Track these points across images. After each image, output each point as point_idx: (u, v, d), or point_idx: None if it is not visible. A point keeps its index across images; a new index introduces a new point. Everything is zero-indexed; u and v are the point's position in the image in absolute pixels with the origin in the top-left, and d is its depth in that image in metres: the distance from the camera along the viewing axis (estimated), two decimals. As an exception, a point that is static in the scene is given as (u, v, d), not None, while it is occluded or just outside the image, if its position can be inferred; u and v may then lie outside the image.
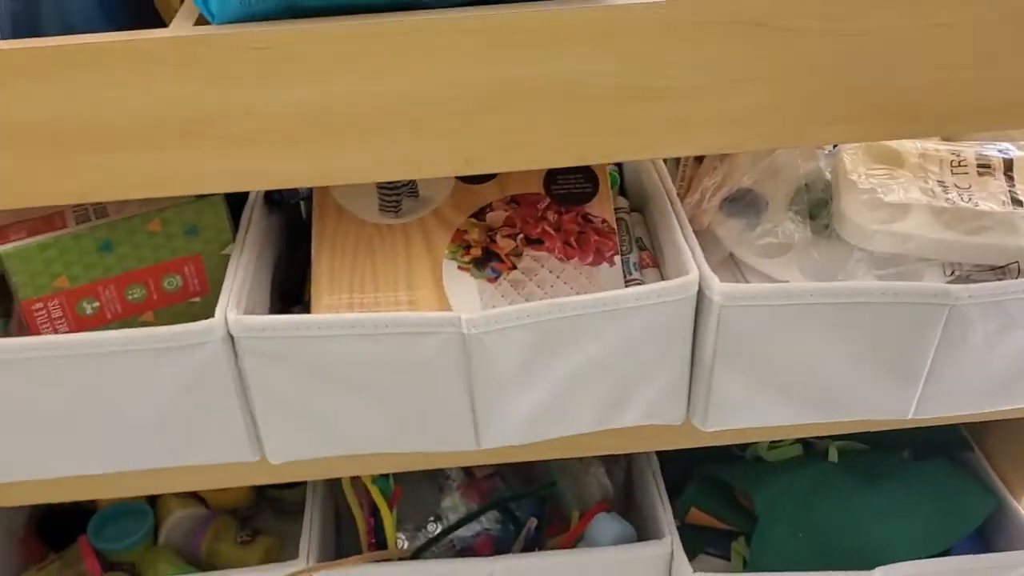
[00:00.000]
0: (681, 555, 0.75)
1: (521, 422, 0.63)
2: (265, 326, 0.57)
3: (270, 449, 0.63)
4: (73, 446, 0.62)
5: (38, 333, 0.62)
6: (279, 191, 0.68)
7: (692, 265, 0.59)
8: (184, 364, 0.57)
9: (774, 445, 0.85)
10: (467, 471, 0.87)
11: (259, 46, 0.48)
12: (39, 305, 0.61)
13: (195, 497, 0.90)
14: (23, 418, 0.60)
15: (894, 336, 0.60)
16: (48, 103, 0.49)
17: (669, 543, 0.76)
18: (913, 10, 0.51)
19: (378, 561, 0.76)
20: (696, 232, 0.64)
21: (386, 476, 0.77)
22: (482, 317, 0.57)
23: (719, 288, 0.58)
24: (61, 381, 0.58)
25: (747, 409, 0.64)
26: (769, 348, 0.61)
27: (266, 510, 0.92)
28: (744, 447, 0.86)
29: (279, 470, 0.66)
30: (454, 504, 0.84)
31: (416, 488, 0.85)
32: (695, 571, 0.74)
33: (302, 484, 0.87)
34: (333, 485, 0.85)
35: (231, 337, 0.58)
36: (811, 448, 0.85)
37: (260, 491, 0.92)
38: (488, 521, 0.83)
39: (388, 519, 0.77)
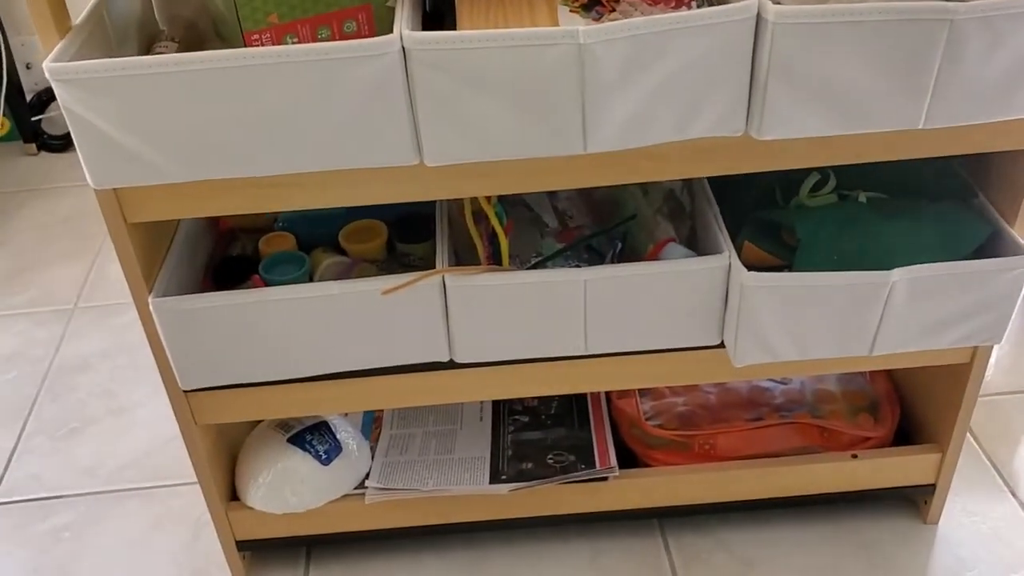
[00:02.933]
0: (738, 263, 0.94)
1: (618, 128, 0.82)
2: (430, 39, 0.77)
3: (427, 153, 0.83)
4: (279, 144, 0.82)
5: (253, 63, 0.83)
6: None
7: (752, -5, 0.78)
8: (369, 69, 0.77)
9: (813, 194, 1.03)
10: (561, 220, 1.07)
11: None
12: (256, 36, 0.82)
13: (338, 250, 1.11)
14: (246, 121, 0.80)
15: (907, 50, 0.78)
16: None
17: (727, 256, 0.95)
18: None
19: (495, 271, 0.96)
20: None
21: (502, 205, 0.97)
22: (594, 29, 0.76)
23: (772, 9, 0.77)
24: (277, 83, 0.78)
25: (792, 121, 0.83)
26: (809, 64, 0.79)
27: (395, 263, 1.13)
28: (788, 199, 1.05)
29: (432, 183, 0.86)
30: (551, 245, 1.05)
31: (523, 232, 1.05)
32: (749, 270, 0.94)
33: (428, 240, 1.08)
34: (456, 230, 1.05)
35: (404, 50, 0.77)
36: (844, 198, 1.03)
37: (391, 248, 1.13)
38: (577, 257, 1.04)
39: (503, 241, 0.98)
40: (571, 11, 0.83)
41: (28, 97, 2.18)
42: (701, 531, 1.23)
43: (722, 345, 1.02)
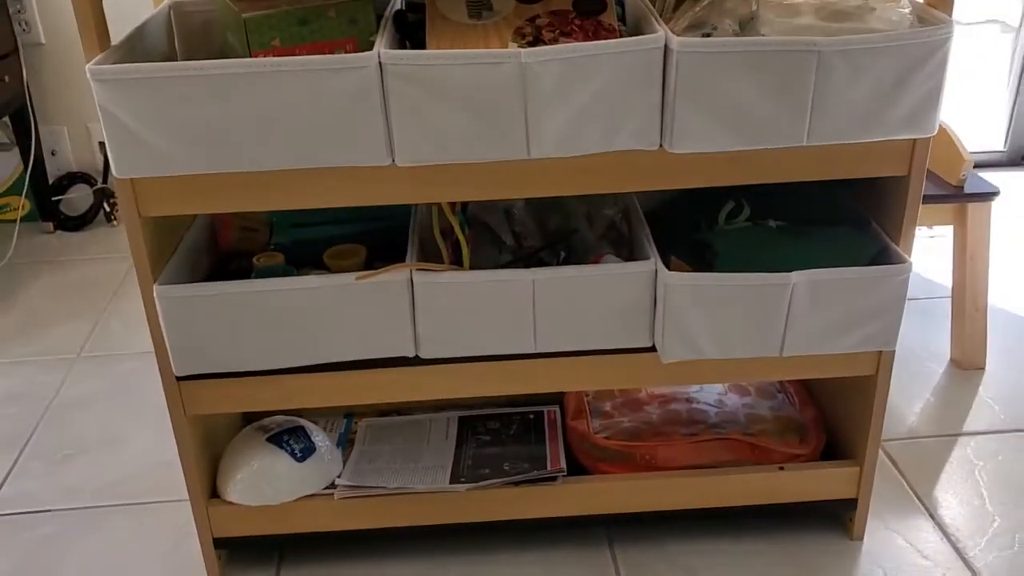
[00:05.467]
0: (663, 267, 1.10)
1: (555, 137, 1.00)
2: (402, 55, 0.96)
3: (399, 153, 1.01)
4: (274, 142, 0.99)
5: (258, 80, 1.02)
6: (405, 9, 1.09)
7: (662, 31, 0.97)
8: (352, 79, 0.96)
9: (730, 221, 1.20)
10: (517, 240, 1.23)
11: None
12: (261, 55, 1.00)
13: (323, 270, 1.27)
14: (247, 121, 0.98)
15: (786, 76, 0.97)
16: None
17: (653, 263, 1.11)
18: None
19: (457, 270, 1.12)
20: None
21: (464, 211, 1.14)
22: (534, 50, 0.95)
23: (677, 40, 0.96)
24: (276, 89, 0.96)
25: (698, 136, 1.01)
26: (709, 87, 0.98)
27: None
28: (711, 225, 1.22)
29: (404, 187, 1.03)
30: (507, 259, 1.21)
31: (484, 249, 1.21)
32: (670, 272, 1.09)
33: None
34: (426, 247, 1.21)
35: (381, 64, 0.96)
36: (759, 226, 1.20)
37: (369, 267, 1.28)
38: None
39: (465, 247, 1.14)
40: (520, 46, 1.02)
41: (51, 180, 2.38)
42: (646, 542, 1.33)
43: (654, 348, 1.16)
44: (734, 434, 1.32)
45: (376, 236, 1.31)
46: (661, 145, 1.02)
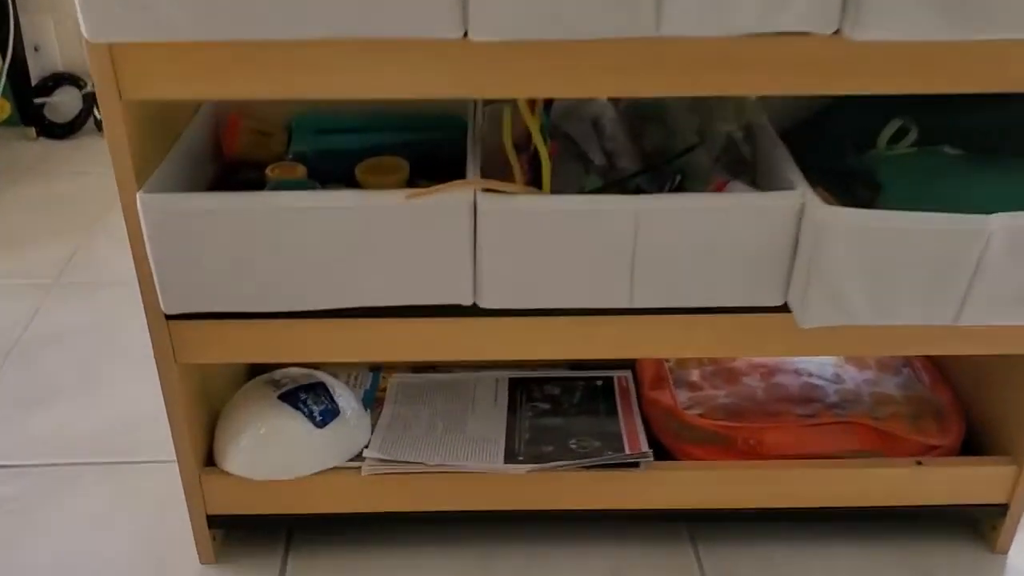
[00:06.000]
0: (815, 199, 0.83)
1: (697, 6, 0.71)
2: None
3: (474, 21, 0.72)
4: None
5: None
6: None
7: None
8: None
9: (891, 147, 0.92)
10: (609, 160, 0.95)
11: None
12: None
13: (354, 187, 1.00)
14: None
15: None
16: None
17: (802, 194, 0.84)
18: None
19: (536, 193, 0.84)
20: None
21: (547, 112, 0.86)
22: None
23: None
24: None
25: (896, 19, 0.72)
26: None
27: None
28: (865, 150, 0.94)
29: (473, 75, 0.75)
30: (596, 182, 0.93)
31: (566, 166, 0.94)
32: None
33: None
34: (489, 162, 0.93)
35: None
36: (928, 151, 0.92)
37: (412, 186, 1.01)
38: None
39: (546, 162, 0.86)
40: None
41: (34, 81, 2.09)
42: (737, 543, 1.08)
43: (785, 308, 0.89)
44: (860, 417, 1.05)
45: (419, 149, 1.03)
46: (839, 30, 0.74)
